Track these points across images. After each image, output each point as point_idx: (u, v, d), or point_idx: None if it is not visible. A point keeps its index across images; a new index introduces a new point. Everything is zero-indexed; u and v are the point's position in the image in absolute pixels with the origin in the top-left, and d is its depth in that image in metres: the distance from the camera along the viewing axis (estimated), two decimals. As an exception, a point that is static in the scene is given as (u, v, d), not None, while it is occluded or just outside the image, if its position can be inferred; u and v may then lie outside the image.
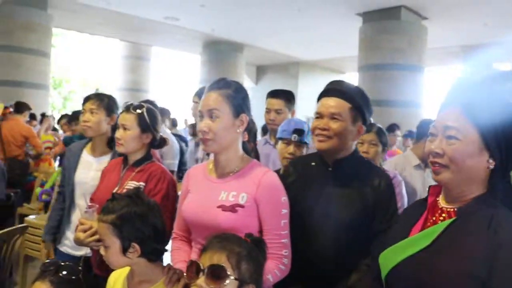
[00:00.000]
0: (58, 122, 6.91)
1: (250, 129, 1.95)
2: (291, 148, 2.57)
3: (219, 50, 15.01)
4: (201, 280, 1.37)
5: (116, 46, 18.15)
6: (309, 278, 1.85)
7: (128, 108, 2.28)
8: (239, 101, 1.77)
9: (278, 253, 1.71)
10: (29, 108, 6.70)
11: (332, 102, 1.88)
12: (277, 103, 3.18)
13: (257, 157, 2.34)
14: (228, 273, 1.37)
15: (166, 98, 22.66)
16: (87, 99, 2.72)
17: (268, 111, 3.22)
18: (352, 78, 17.65)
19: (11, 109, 6.41)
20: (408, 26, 10.33)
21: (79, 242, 2.10)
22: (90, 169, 2.59)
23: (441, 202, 1.40)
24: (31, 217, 4.56)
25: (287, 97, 3.26)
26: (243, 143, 1.86)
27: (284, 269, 1.72)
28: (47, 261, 1.71)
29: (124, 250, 1.58)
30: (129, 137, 2.24)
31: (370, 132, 3.03)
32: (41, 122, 7.72)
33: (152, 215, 1.66)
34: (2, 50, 11.01)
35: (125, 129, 2.25)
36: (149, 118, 2.28)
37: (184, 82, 25.84)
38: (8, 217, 4.49)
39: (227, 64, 14.80)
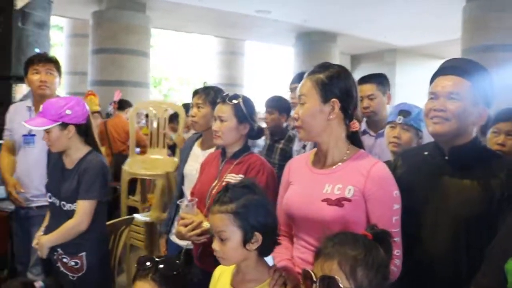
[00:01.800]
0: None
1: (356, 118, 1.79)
2: (396, 131, 2.37)
3: (312, 41, 14.80)
4: None
5: (211, 42, 18.63)
6: (420, 284, 1.66)
7: (224, 99, 2.23)
8: (330, 85, 1.63)
9: None
10: (130, 105, 7.03)
11: (449, 81, 1.66)
12: (369, 88, 2.90)
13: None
14: (341, 285, 1.20)
15: (260, 92, 22.86)
16: (194, 94, 2.74)
17: (360, 99, 2.80)
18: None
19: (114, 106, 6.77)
20: (521, 1, 9.38)
21: (180, 236, 2.10)
22: (196, 162, 2.60)
23: None
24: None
25: (379, 80, 2.96)
26: (354, 132, 1.71)
27: (396, 270, 1.56)
28: (141, 257, 1.72)
29: (246, 241, 1.51)
30: (226, 129, 2.20)
31: (509, 121, 2.60)
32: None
33: (270, 204, 1.59)
34: (107, 52, 11.76)
35: (221, 120, 2.21)
36: (246, 108, 2.22)
37: (278, 75, 25.90)
38: (114, 209, 4.72)
39: (321, 55, 14.46)
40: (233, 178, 2.14)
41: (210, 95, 2.67)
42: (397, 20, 12.41)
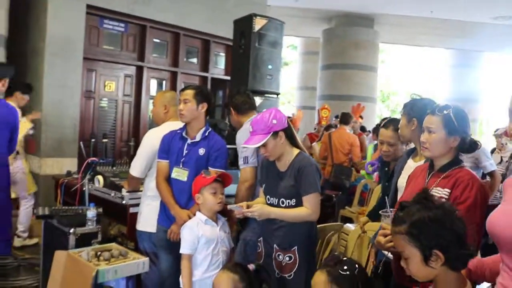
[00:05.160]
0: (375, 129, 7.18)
1: None
2: None
3: None
4: None
5: (442, 55, 17.73)
6: None
7: (433, 110, 2.17)
8: None
9: None
10: (352, 118, 7.22)
11: None
12: None
13: None
14: None
15: (500, 107, 20.58)
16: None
17: None
18: None
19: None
20: None
21: (379, 246, 2.12)
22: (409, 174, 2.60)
23: None
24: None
25: None
26: None
27: None
28: (330, 255, 1.84)
29: (426, 259, 1.50)
30: (434, 141, 2.12)
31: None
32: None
33: (449, 218, 1.52)
34: (336, 67, 12.33)
35: (430, 132, 2.14)
36: (456, 119, 2.10)
37: (521, 89, 22.91)
38: (330, 217, 4.90)
39: None
40: (439, 191, 2.06)
41: (407, 106, 2.74)
42: None
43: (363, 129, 10.43)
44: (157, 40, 7.03)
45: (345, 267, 1.86)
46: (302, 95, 16.63)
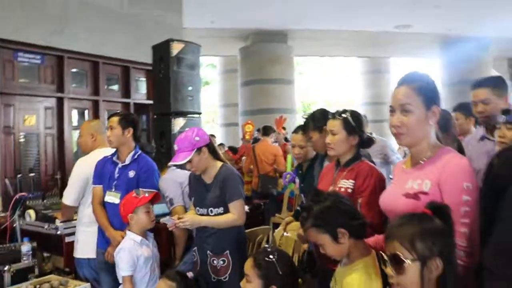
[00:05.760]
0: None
1: (447, 121, 1.91)
2: (501, 131, 2.37)
3: (459, 49, 14.01)
4: (389, 269, 1.48)
5: (355, 63, 18.81)
6: None
7: (333, 115, 2.51)
8: (430, 93, 1.78)
9: None
10: (273, 131, 7.56)
11: None
12: (482, 92, 2.85)
13: (460, 151, 2.26)
14: (403, 258, 1.42)
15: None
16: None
17: (474, 103, 2.92)
18: None
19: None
20: None
21: (301, 238, 2.40)
22: None
23: None
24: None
25: (494, 83, 2.90)
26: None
27: (462, 264, 1.58)
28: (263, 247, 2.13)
29: (335, 239, 1.84)
30: (337, 141, 2.46)
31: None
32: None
33: (338, 202, 1.90)
34: (255, 83, 12.77)
35: (333, 134, 2.47)
36: (354, 121, 2.46)
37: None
38: (261, 225, 5.16)
39: (471, 62, 13.58)
40: (345, 183, 2.39)
41: (309, 122, 3.13)
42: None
43: (286, 139, 10.88)
44: (76, 70, 7.00)
45: (268, 255, 2.17)
46: (225, 112, 16.93)
